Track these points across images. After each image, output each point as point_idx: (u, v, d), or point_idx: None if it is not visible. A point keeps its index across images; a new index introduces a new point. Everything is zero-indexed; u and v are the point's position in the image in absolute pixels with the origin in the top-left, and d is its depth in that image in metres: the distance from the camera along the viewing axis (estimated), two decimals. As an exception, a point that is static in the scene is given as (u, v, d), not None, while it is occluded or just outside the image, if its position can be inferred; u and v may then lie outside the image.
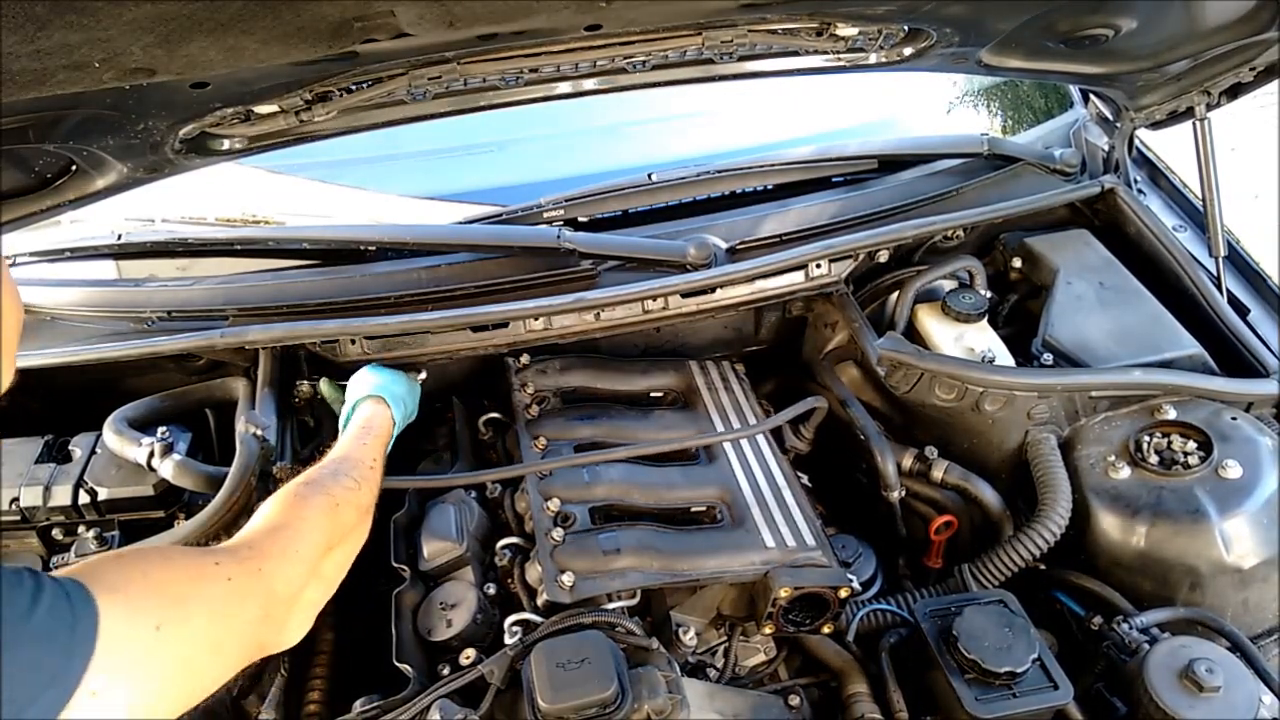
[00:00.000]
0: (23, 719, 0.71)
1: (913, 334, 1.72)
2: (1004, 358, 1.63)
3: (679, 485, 1.46)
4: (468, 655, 1.26)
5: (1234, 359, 1.65)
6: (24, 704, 0.71)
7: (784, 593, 1.28)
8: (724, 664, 1.37)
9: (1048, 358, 1.62)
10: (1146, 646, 1.27)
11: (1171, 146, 2.04)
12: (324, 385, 1.60)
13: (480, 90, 1.43)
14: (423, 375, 1.61)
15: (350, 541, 1.15)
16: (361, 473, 1.23)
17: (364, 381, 1.48)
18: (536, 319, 1.63)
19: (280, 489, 1.15)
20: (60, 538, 1.52)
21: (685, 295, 1.67)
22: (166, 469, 1.46)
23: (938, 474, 1.57)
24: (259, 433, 1.45)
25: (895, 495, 1.57)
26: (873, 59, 1.54)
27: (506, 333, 1.64)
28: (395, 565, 1.37)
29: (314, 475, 1.19)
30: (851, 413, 1.64)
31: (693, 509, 1.44)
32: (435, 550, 1.38)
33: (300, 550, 1.03)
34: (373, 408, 1.41)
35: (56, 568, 1.40)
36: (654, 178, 1.82)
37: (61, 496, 1.47)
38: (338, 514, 1.13)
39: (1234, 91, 1.71)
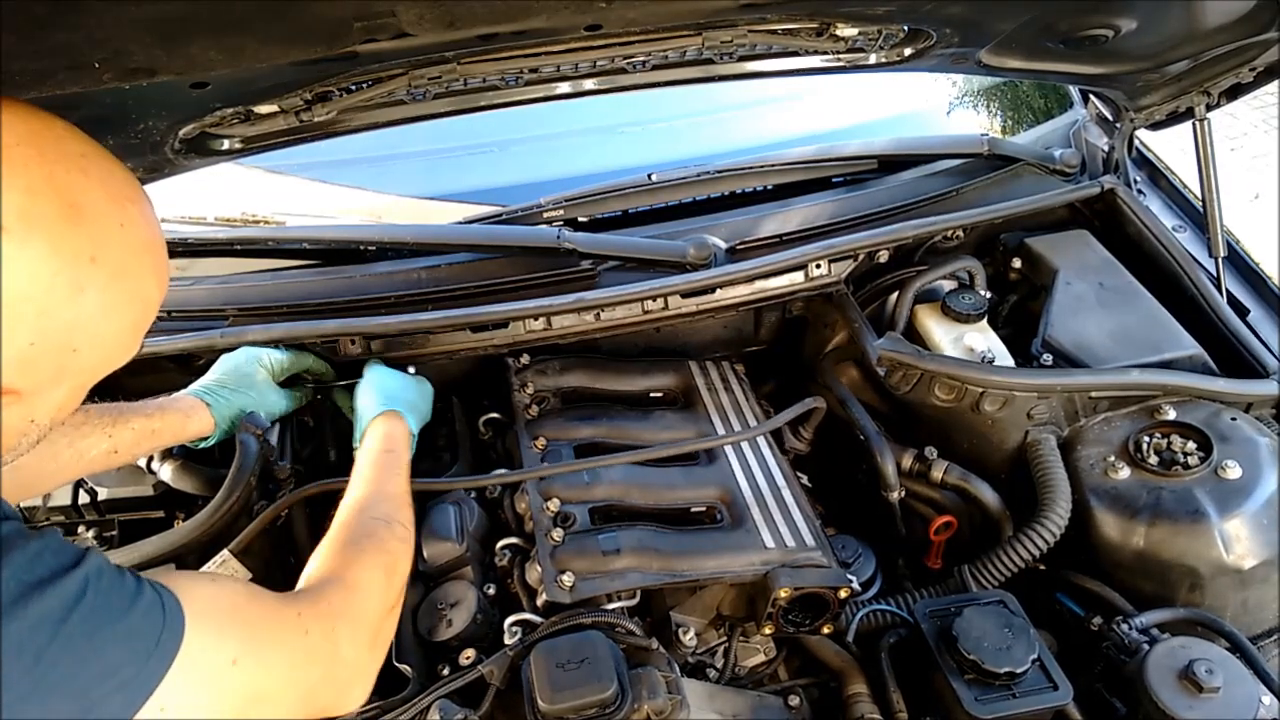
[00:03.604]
0: (91, 717, 0.72)
1: (912, 334, 1.72)
2: (1004, 358, 1.63)
3: (679, 486, 1.46)
4: (467, 655, 1.26)
5: (1234, 359, 1.65)
6: (96, 701, 0.72)
7: (784, 593, 1.28)
8: (724, 664, 1.37)
9: (1047, 358, 1.62)
10: (1146, 647, 1.27)
11: (1172, 146, 2.04)
12: (338, 395, 1.59)
13: (480, 90, 1.43)
14: (412, 369, 1.57)
15: (400, 599, 1.12)
16: (407, 515, 1.20)
17: (374, 392, 1.42)
18: (536, 319, 1.64)
19: (337, 532, 1.10)
20: (60, 537, 1.52)
21: (685, 295, 1.67)
22: (166, 472, 1.46)
23: (937, 474, 1.57)
24: (258, 433, 1.45)
25: (895, 495, 1.57)
26: (873, 59, 1.54)
27: (506, 333, 1.64)
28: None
29: (367, 524, 1.13)
30: (851, 413, 1.64)
31: (693, 509, 1.44)
32: (435, 550, 1.37)
33: (367, 615, 1.01)
34: (388, 425, 1.35)
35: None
36: (654, 178, 1.82)
37: (61, 496, 1.47)
38: (396, 574, 1.09)
39: (1234, 91, 1.71)
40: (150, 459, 1.46)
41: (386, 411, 1.37)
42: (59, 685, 0.70)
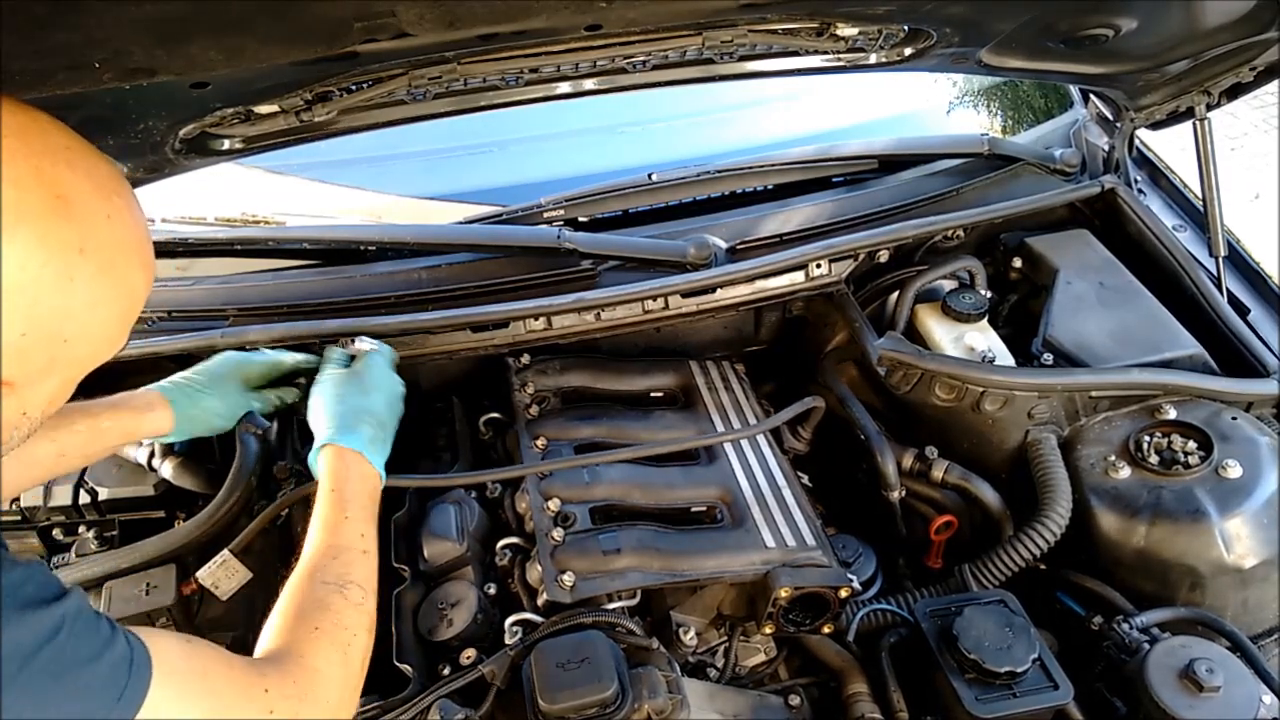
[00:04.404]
0: None
1: (913, 334, 1.72)
2: (1004, 358, 1.63)
3: (679, 485, 1.46)
4: (468, 655, 1.26)
5: (1234, 359, 1.65)
6: None
7: (784, 593, 1.28)
8: (724, 664, 1.37)
9: (1048, 358, 1.62)
10: (1146, 646, 1.27)
11: (1172, 146, 2.04)
12: None
13: (480, 90, 1.43)
14: (362, 345, 1.45)
15: (363, 669, 1.06)
16: (363, 571, 1.11)
17: (323, 412, 1.27)
18: (537, 319, 1.64)
19: (290, 603, 1.05)
20: (60, 538, 1.52)
21: (685, 295, 1.67)
22: (167, 470, 1.46)
23: (938, 474, 1.57)
24: (259, 433, 1.45)
25: (895, 495, 1.57)
26: (873, 59, 1.54)
27: (506, 333, 1.64)
28: (395, 565, 1.37)
29: (320, 595, 1.05)
30: (851, 412, 1.64)
31: (693, 509, 1.44)
32: (435, 550, 1.37)
33: (328, 698, 0.98)
34: (334, 460, 1.20)
35: (58, 567, 1.41)
36: (654, 178, 1.82)
37: (62, 496, 1.47)
38: (353, 650, 1.04)
39: (1234, 91, 1.71)
40: (151, 455, 1.46)
41: (330, 444, 1.23)
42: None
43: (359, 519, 1.16)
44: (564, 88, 1.51)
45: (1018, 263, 1.86)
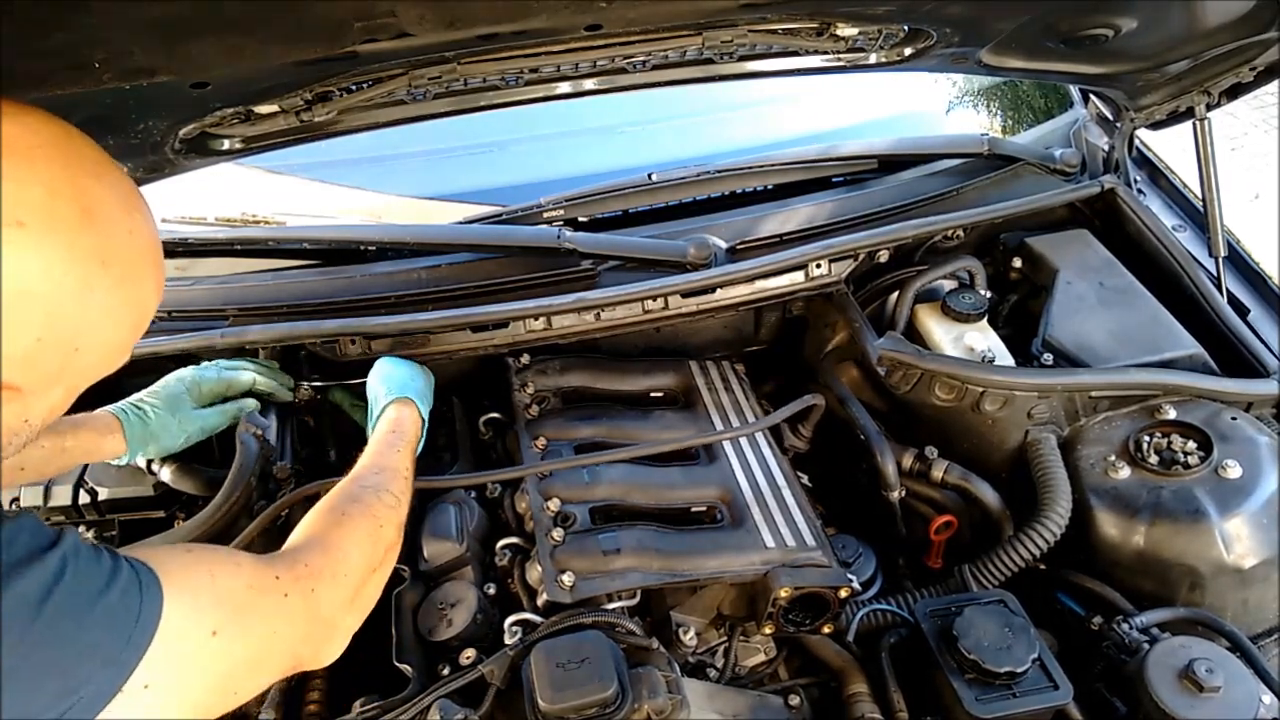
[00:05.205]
0: (75, 697, 0.73)
1: (913, 334, 1.72)
2: (1004, 358, 1.63)
3: (679, 485, 1.46)
4: (468, 655, 1.26)
5: (1234, 359, 1.65)
6: (80, 682, 0.73)
7: (784, 593, 1.28)
8: (724, 664, 1.37)
9: (1048, 358, 1.62)
10: (1146, 646, 1.27)
11: (1172, 146, 2.04)
12: (336, 394, 1.61)
13: (480, 90, 1.43)
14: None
15: (388, 562, 1.15)
16: (400, 486, 1.22)
17: (385, 381, 1.45)
18: (537, 319, 1.64)
19: (325, 500, 1.14)
20: (60, 538, 1.52)
21: (685, 295, 1.67)
22: (166, 473, 1.46)
23: (938, 474, 1.57)
24: (258, 433, 1.45)
25: (895, 495, 1.57)
26: (873, 59, 1.54)
27: (506, 333, 1.64)
28: (396, 565, 1.37)
29: (356, 491, 1.17)
30: (851, 412, 1.64)
31: (693, 509, 1.44)
32: (435, 550, 1.38)
33: (348, 575, 1.04)
34: (399, 410, 1.38)
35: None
36: (654, 178, 1.82)
37: (61, 496, 1.47)
38: (380, 536, 1.12)
39: (1234, 91, 1.71)
40: (150, 459, 1.46)
41: (397, 399, 1.40)
42: (42, 666, 0.71)
43: (407, 454, 1.31)
44: (564, 88, 1.51)
45: (1018, 263, 1.86)
